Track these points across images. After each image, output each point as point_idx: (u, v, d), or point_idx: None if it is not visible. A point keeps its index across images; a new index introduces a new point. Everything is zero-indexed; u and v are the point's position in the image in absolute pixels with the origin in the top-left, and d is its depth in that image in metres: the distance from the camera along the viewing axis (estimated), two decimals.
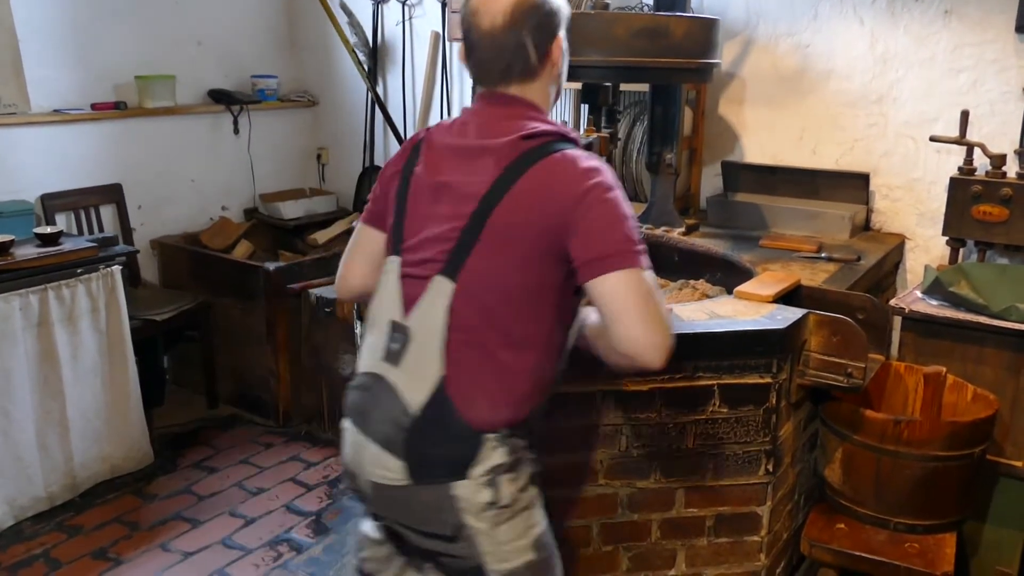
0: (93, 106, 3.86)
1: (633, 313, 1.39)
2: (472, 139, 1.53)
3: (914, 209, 3.19)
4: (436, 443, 1.47)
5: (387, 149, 4.65)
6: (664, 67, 2.40)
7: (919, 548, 2.25)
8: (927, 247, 3.17)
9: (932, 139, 2.97)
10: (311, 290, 3.70)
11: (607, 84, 2.77)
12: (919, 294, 2.73)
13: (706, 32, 2.48)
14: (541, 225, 1.43)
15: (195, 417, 3.93)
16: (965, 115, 2.87)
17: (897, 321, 2.74)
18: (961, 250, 2.98)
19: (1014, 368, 2.53)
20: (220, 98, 4.39)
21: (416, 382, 1.48)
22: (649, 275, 1.43)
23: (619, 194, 1.45)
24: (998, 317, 2.51)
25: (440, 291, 1.47)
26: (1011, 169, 2.84)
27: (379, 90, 4.55)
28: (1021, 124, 2.92)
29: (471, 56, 1.55)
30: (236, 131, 4.48)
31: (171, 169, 4.24)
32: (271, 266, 3.76)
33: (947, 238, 2.95)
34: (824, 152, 3.34)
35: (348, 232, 4.34)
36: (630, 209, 1.46)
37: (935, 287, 2.65)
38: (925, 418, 2.27)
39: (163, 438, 3.68)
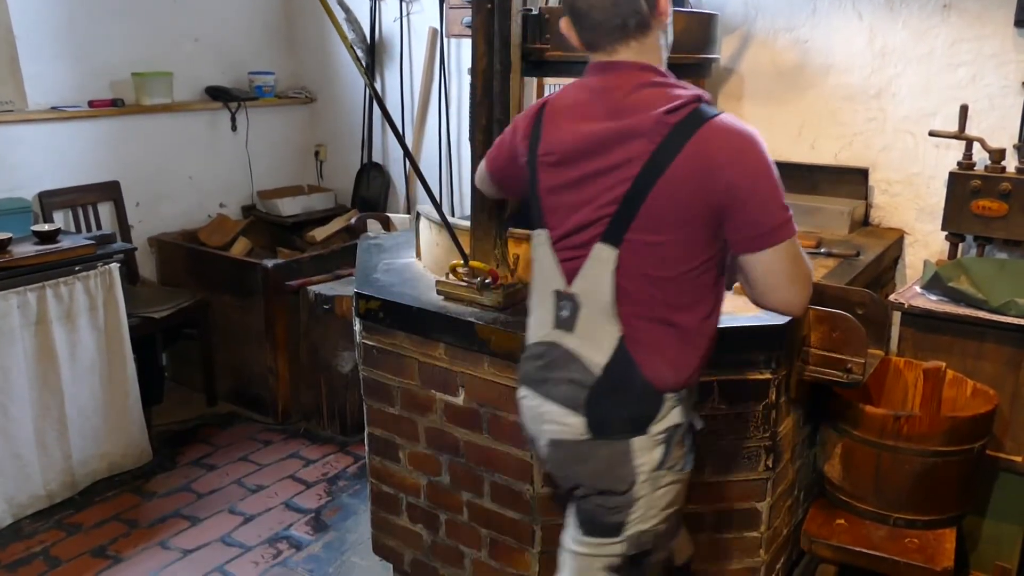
0: (90, 103, 3.85)
1: (785, 282, 1.50)
2: (607, 122, 1.50)
3: (913, 204, 3.19)
4: (618, 401, 1.53)
5: (385, 146, 4.64)
6: None
7: (919, 543, 2.25)
8: (926, 242, 3.17)
9: (931, 134, 2.96)
10: (309, 287, 3.70)
11: None
12: (918, 289, 2.72)
13: (704, 27, 2.47)
14: (703, 199, 1.45)
15: (194, 415, 3.93)
16: (964, 110, 2.87)
17: (896, 316, 2.73)
18: (960, 245, 2.97)
19: (1014, 363, 2.53)
20: (218, 95, 4.38)
21: (594, 344, 1.54)
22: (796, 238, 1.49)
23: (770, 158, 1.47)
24: (997, 312, 2.51)
25: (603, 258, 1.51)
26: (1010, 164, 2.84)
27: (377, 86, 4.54)
28: (1020, 118, 2.92)
29: (581, 23, 1.53)
30: (234, 128, 4.47)
31: (169, 166, 4.23)
32: (269, 263, 3.75)
33: (946, 233, 2.95)
34: (823, 147, 3.34)
35: (347, 229, 4.35)
36: (775, 168, 1.47)
37: (934, 282, 2.65)
38: (924, 413, 2.27)
39: (162, 436, 3.68)
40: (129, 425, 3.36)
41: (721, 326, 1.98)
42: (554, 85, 3.78)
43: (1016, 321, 2.48)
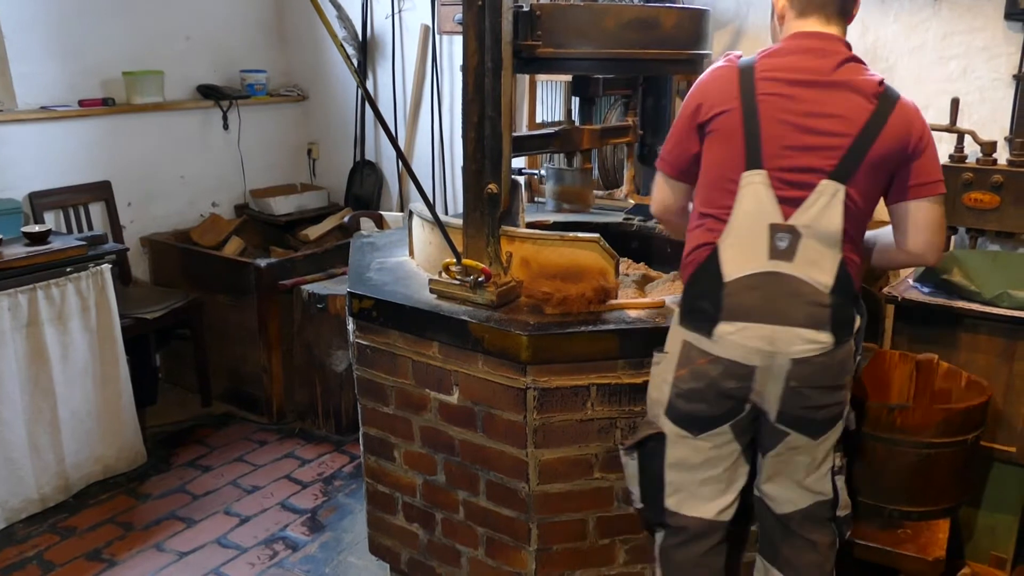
0: (80, 103, 3.83)
1: (938, 229, 1.86)
2: (828, 75, 1.77)
3: None
4: (846, 312, 1.79)
5: (378, 143, 4.63)
6: (654, 58, 2.39)
7: (912, 534, 2.26)
8: None
9: None
10: (303, 286, 3.69)
11: (597, 76, 2.76)
12: (912, 282, 2.73)
13: (696, 23, 2.46)
14: (902, 156, 1.79)
15: (188, 415, 3.91)
16: (955, 103, 2.87)
17: (890, 309, 2.74)
18: (953, 237, 2.98)
19: (1007, 354, 2.54)
20: (209, 93, 4.36)
21: (819, 269, 1.76)
22: None
23: None
24: (990, 304, 2.52)
25: (832, 192, 1.74)
26: (1001, 156, 2.85)
27: (369, 84, 4.53)
28: (1011, 111, 2.93)
29: None
30: (226, 127, 4.45)
31: (160, 166, 4.21)
32: (262, 262, 3.74)
33: None
34: None
35: (340, 227, 4.34)
36: None
37: (927, 275, 2.66)
38: (918, 405, 2.27)
39: (156, 437, 3.67)
40: (123, 427, 3.34)
41: None
42: (546, 82, 3.78)
43: (1009, 313, 2.48)
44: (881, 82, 1.79)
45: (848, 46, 1.83)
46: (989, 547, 2.71)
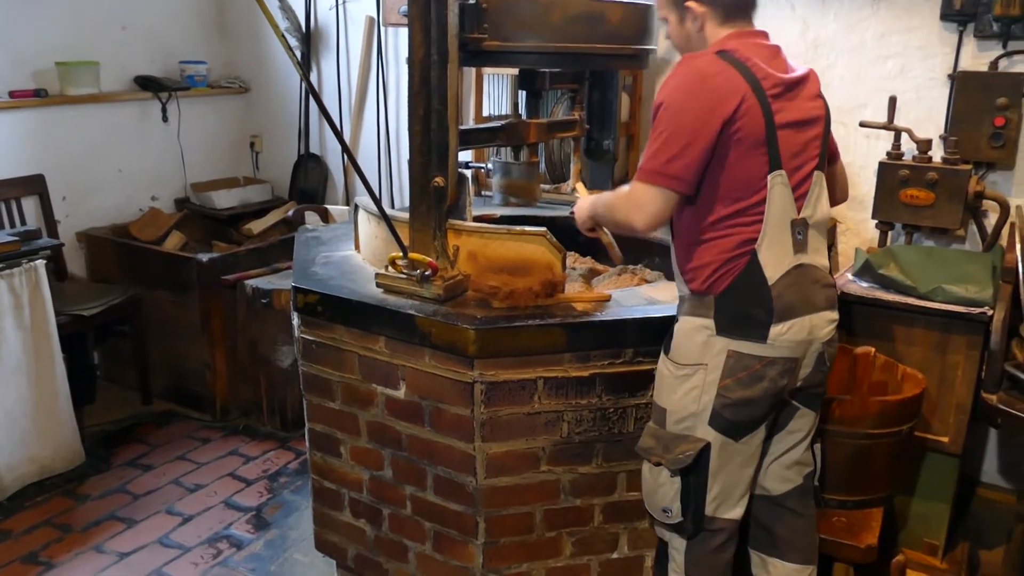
0: (11, 94, 3.70)
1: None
2: (793, 74, 1.86)
3: None
4: (834, 291, 1.93)
5: (323, 136, 4.57)
6: (601, 53, 2.40)
7: (846, 522, 2.31)
8: (858, 230, 3.25)
9: (862, 124, 3.04)
10: (247, 281, 3.63)
11: (544, 70, 2.77)
12: (850, 276, 2.79)
13: (642, 18, 2.48)
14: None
15: (128, 414, 3.82)
16: (893, 101, 2.95)
17: None
18: (890, 233, 3.06)
19: (941, 347, 2.62)
20: (147, 85, 4.25)
21: (821, 253, 1.89)
22: None
23: None
24: (925, 298, 2.59)
25: (822, 184, 1.88)
26: (937, 154, 2.93)
27: (313, 77, 4.47)
28: (946, 110, 3.01)
29: None
30: (165, 119, 4.35)
31: (97, 159, 4.10)
32: (204, 257, 3.67)
33: (876, 221, 3.03)
34: None
35: (284, 221, 4.28)
36: None
37: (865, 269, 2.72)
38: (856, 397, 2.33)
39: (95, 436, 3.57)
40: (59, 427, 3.25)
41: (660, 315, 2.02)
42: (493, 75, 3.77)
43: (943, 307, 2.56)
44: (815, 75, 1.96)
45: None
46: (922, 534, 2.79)
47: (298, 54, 4.37)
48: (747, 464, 1.94)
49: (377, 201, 2.10)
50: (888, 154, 2.96)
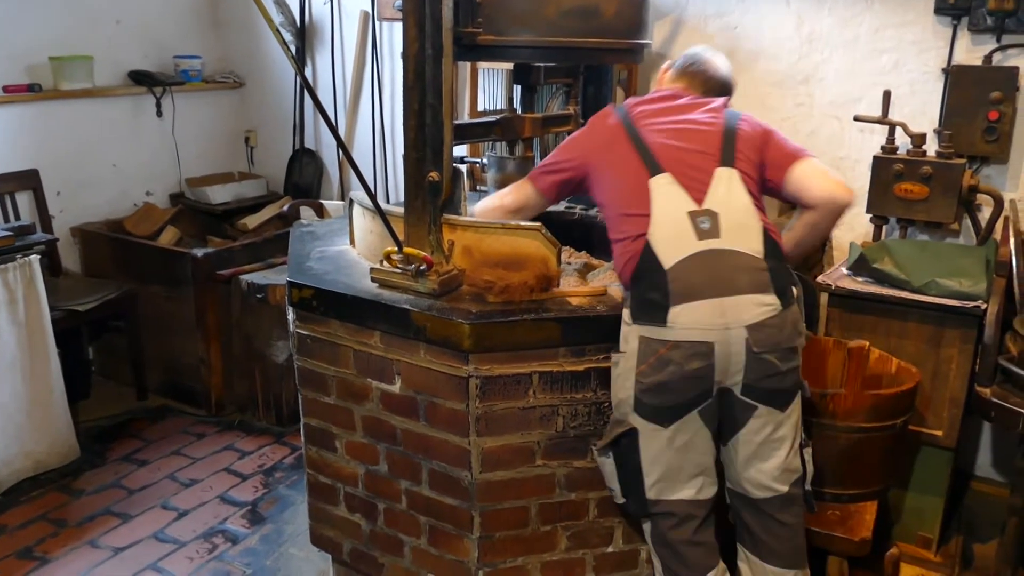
0: (5, 88, 3.69)
1: (824, 170, 2.15)
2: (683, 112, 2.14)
3: None
4: (783, 274, 1.93)
5: (318, 131, 4.57)
6: (595, 47, 2.40)
7: (840, 516, 2.32)
8: (852, 225, 3.25)
9: (856, 119, 3.04)
10: (242, 276, 3.63)
11: (539, 64, 2.76)
12: (845, 271, 2.80)
13: (636, 12, 2.48)
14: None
15: (123, 409, 3.82)
16: (887, 95, 2.95)
17: (824, 297, 2.81)
18: (884, 227, 3.06)
19: (935, 341, 2.63)
20: (141, 80, 4.24)
21: (745, 238, 1.91)
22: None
23: None
24: (919, 292, 2.60)
25: (729, 177, 1.97)
26: (931, 148, 2.93)
27: (308, 71, 4.46)
28: (940, 104, 3.02)
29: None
30: (159, 114, 4.34)
31: (91, 154, 4.09)
32: (199, 252, 3.66)
33: (871, 215, 3.03)
34: None
35: (279, 216, 4.27)
36: None
37: (860, 264, 2.73)
38: (850, 391, 2.33)
39: (90, 432, 3.57)
40: (54, 422, 3.25)
41: None
42: (487, 70, 3.77)
43: (937, 300, 2.57)
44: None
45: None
46: (916, 528, 2.81)
47: (293, 49, 4.36)
48: (688, 450, 1.94)
49: (372, 196, 2.09)
50: (882, 148, 2.97)
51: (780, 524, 2.02)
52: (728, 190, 1.96)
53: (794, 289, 1.96)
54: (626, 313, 1.94)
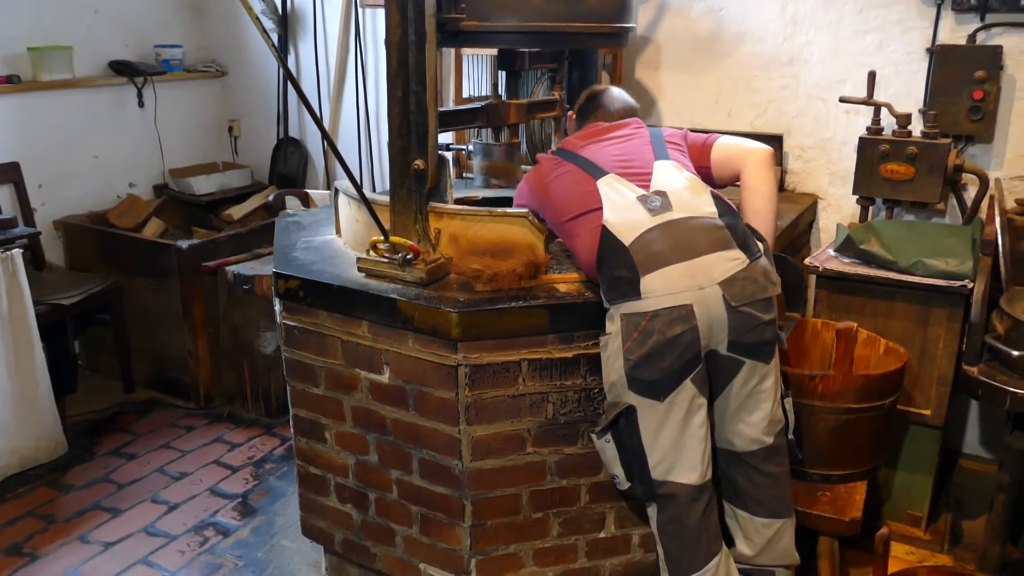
0: None
1: (738, 141, 2.28)
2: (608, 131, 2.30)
3: (826, 169, 3.28)
4: (742, 229, 1.99)
5: (302, 119, 4.53)
6: (579, 32, 2.39)
7: (831, 496, 2.33)
8: (839, 206, 3.26)
9: (842, 100, 3.04)
10: (228, 267, 3.60)
11: (523, 50, 2.75)
12: (832, 252, 2.80)
13: None
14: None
15: (111, 403, 3.80)
16: (872, 76, 2.94)
17: (812, 279, 2.81)
18: (871, 208, 3.07)
19: (921, 321, 2.64)
20: (122, 70, 4.20)
21: (697, 204, 2.00)
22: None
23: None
24: (906, 272, 2.61)
25: (668, 167, 2.10)
26: (916, 128, 2.93)
27: (291, 60, 4.42)
28: (924, 84, 3.02)
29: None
30: (141, 104, 4.29)
31: (72, 146, 4.04)
32: (184, 244, 3.64)
33: (857, 196, 3.04)
34: (739, 115, 3.39)
35: (264, 206, 4.24)
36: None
37: (847, 245, 2.73)
38: (838, 372, 2.34)
39: (77, 426, 3.55)
40: (41, 417, 3.22)
41: None
42: (472, 56, 3.74)
43: (923, 280, 2.58)
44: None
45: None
46: (905, 506, 2.83)
47: (275, 37, 4.32)
48: (687, 422, 1.94)
49: (357, 185, 2.08)
50: (868, 129, 2.97)
51: (765, 475, 2.06)
52: (669, 175, 2.08)
53: (759, 244, 2.01)
54: (603, 298, 1.97)
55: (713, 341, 1.91)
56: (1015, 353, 2.27)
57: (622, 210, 2.00)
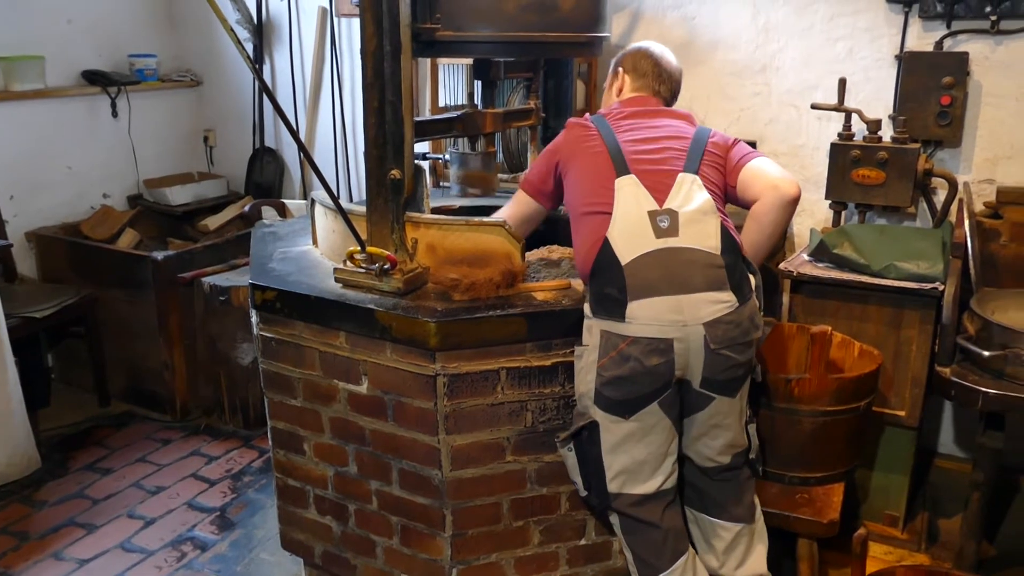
0: None
1: (770, 167, 2.17)
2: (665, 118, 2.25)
3: (799, 175, 3.30)
4: (740, 271, 1.97)
5: (278, 129, 4.51)
6: (554, 41, 2.40)
7: (808, 498, 2.35)
8: (812, 211, 3.29)
9: (813, 106, 3.07)
10: (204, 278, 3.58)
11: (499, 59, 2.75)
12: (806, 257, 2.83)
13: (594, 5, 2.48)
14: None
15: (85, 416, 3.75)
16: (843, 83, 2.98)
17: (786, 283, 2.84)
18: (843, 212, 3.11)
19: (895, 323, 2.67)
20: (95, 79, 4.16)
21: (704, 236, 1.94)
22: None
23: None
24: (878, 275, 2.64)
25: (690, 182, 2.01)
26: (886, 133, 2.97)
27: (266, 70, 4.41)
28: (894, 90, 3.06)
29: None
30: (115, 114, 4.26)
31: (45, 156, 4.00)
32: (160, 255, 3.61)
33: (830, 201, 3.07)
34: (713, 122, 3.42)
35: (240, 217, 4.22)
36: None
37: (820, 249, 2.76)
38: (814, 375, 2.37)
39: (51, 441, 3.51)
40: (12, 432, 3.18)
41: None
42: (448, 65, 3.75)
43: (896, 284, 2.61)
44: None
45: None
46: (883, 507, 2.85)
47: (250, 47, 4.31)
48: (647, 443, 1.97)
49: (333, 195, 2.07)
50: (839, 135, 3.00)
51: (725, 483, 2.09)
52: (688, 192, 2.00)
53: (752, 280, 2.01)
54: (587, 307, 1.98)
55: (687, 374, 1.94)
56: (986, 353, 2.30)
57: (630, 222, 1.96)
